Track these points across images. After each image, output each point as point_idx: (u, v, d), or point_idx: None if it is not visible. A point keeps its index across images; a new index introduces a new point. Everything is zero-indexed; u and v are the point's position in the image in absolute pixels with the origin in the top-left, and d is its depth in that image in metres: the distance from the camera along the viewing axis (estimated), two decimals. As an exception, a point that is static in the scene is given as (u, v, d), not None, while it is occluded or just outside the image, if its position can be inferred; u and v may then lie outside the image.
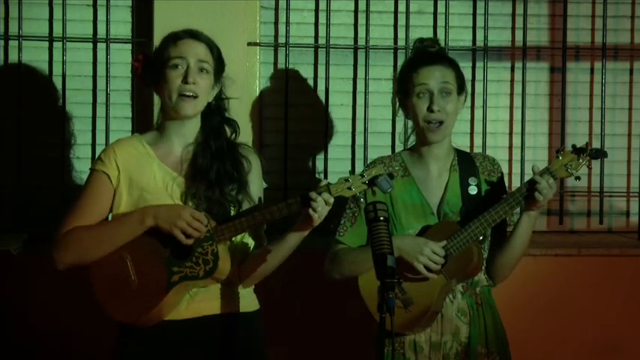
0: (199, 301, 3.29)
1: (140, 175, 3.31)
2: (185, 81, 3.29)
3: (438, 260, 3.41)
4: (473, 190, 3.56)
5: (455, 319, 3.51)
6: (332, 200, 3.16)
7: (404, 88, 3.58)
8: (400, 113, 3.67)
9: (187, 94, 3.29)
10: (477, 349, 3.51)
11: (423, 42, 3.67)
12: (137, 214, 3.24)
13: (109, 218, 3.36)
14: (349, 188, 3.18)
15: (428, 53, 3.62)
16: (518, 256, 3.54)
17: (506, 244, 3.53)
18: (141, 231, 3.22)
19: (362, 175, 3.18)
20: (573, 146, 3.44)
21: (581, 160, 3.41)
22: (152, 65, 3.38)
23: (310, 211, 3.15)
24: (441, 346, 3.50)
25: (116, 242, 3.24)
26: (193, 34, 3.37)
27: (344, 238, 3.57)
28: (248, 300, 3.40)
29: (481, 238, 3.47)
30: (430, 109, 3.50)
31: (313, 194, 3.16)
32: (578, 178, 3.43)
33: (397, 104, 3.67)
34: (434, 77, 3.51)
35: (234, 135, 3.43)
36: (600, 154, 3.42)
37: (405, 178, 3.59)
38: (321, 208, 3.15)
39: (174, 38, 3.36)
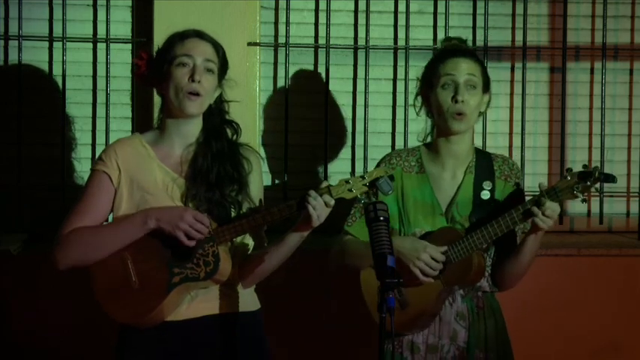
0: (200, 302, 3.28)
1: (141, 176, 3.30)
2: (192, 79, 3.26)
3: (435, 266, 3.36)
4: (485, 195, 3.47)
5: (453, 322, 3.46)
6: (332, 202, 3.15)
7: (428, 82, 3.50)
8: (422, 113, 3.58)
9: (194, 92, 3.26)
10: (475, 353, 3.46)
11: (450, 40, 3.60)
12: (140, 215, 3.22)
13: (110, 219, 3.35)
14: (350, 190, 3.16)
15: (456, 48, 3.54)
16: (524, 270, 3.46)
17: (512, 256, 3.44)
18: (143, 233, 3.21)
19: (363, 177, 3.16)
20: (584, 167, 3.29)
21: (588, 183, 3.26)
22: (155, 64, 3.35)
23: (310, 208, 3.14)
24: (438, 349, 3.46)
25: (118, 243, 3.22)
26: (200, 34, 3.35)
27: (351, 229, 3.53)
28: (249, 299, 3.39)
29: (484, 246, 3.39)
30: (454, 100, 3.42)
31: (312, 192, 3.15)
32: (584, 200, 3.30)
33: (420, 103, 3.58)
34: (460, 69, 3.44)
35: (235, 136, 3.41)
36: (609, 178, 3.28)
37: (419, 174, 3.53)
38: (319, 207, 3.14)
39: (180, 36, 3.33)
